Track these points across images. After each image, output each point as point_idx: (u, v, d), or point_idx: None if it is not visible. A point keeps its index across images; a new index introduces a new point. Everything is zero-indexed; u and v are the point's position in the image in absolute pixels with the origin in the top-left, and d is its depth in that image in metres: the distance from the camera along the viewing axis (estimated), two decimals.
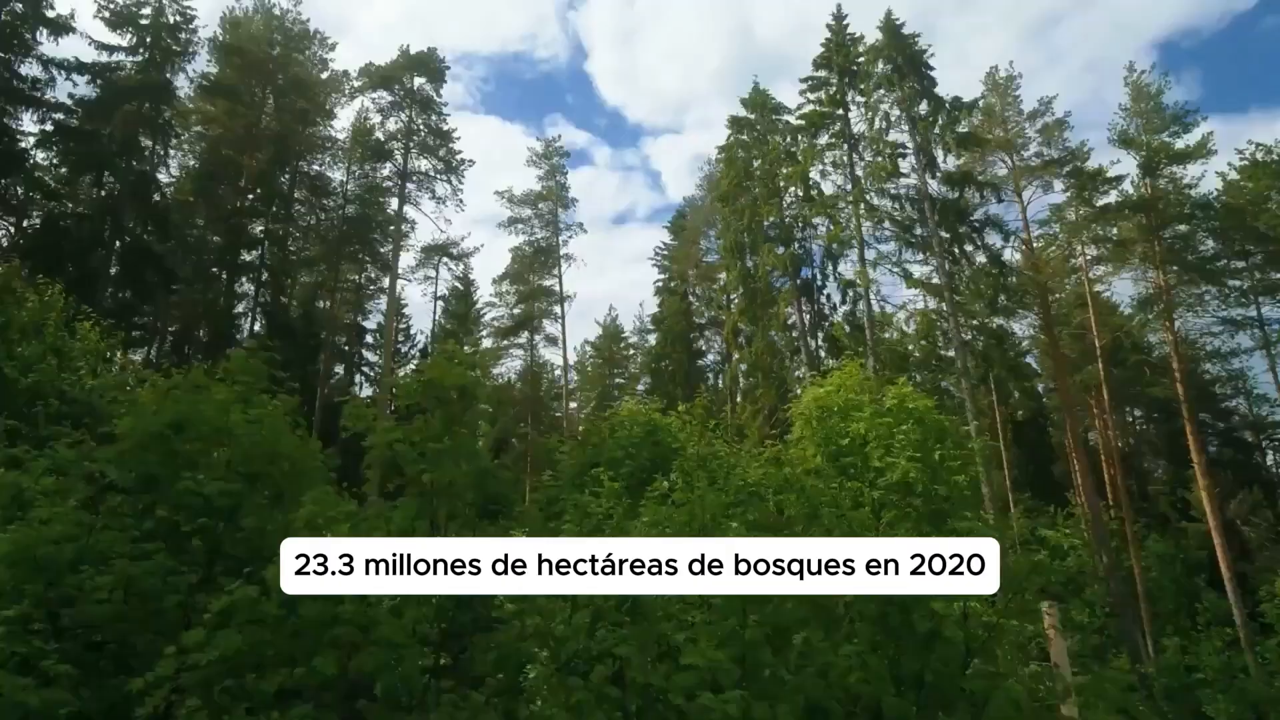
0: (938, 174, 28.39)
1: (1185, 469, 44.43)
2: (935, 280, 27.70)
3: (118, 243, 26.05)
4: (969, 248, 27.05)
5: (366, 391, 47.25)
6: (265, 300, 27.61)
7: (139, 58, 27.23)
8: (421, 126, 35.09)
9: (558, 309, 43.71)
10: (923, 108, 28.98)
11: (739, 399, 37.13)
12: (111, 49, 26.97)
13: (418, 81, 35.04)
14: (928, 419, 6.91)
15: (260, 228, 28.07)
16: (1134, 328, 34.93)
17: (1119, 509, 33.66)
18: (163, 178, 32.92)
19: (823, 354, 32.19)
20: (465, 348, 43.14)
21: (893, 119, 29.89)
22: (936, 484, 6.11)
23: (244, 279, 28.56)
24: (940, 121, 28.30)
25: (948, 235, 27.16)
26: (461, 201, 36.03)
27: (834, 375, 7.87)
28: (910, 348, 32.87)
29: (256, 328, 27.93)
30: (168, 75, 28.09)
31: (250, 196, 26.50)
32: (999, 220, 26.75)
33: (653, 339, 50.79)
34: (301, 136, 33.14)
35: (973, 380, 24.71)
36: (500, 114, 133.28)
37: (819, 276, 33.10)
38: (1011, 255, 30.67)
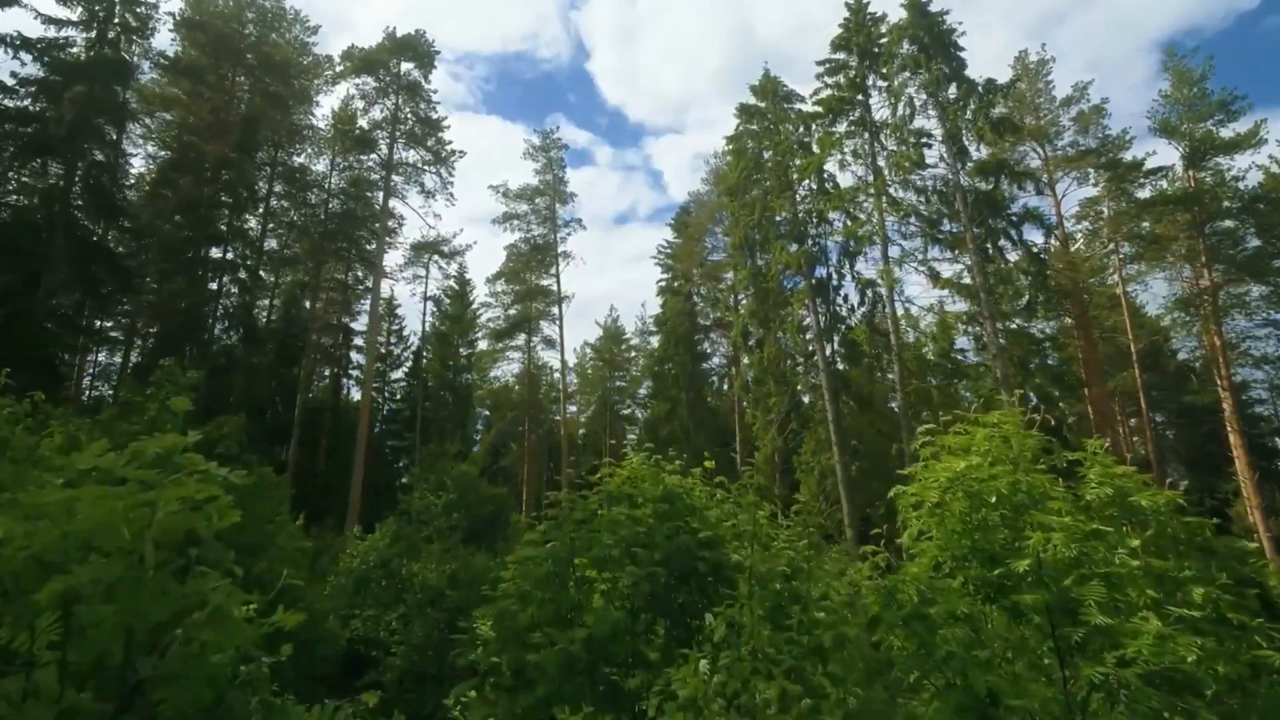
0: (967, 164, 25.32)
1: (1214, 480, 41.55)
2: (966, 280, 24.68)
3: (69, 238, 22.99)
4: (1004, 244, 23.96)
5: (355, 395, 44.45)
6: (231, 301, 24.54)
7: (92, 34, 24.18)
8: (409, 115, 32.01)
9: (555, 309, 40.66)
10: (951, 91, 25.90)
11: (745, 405, 34.10)
12: (61, 23, 23.88)
13: (405, 67, 31.96)
14: (1170, 525, 3.80)
15: (228, 221, 24.83)
16: (1173, 330, 31.86)
17: None
18: (132, 168, 30.13)
19: (838, 359, 29.16)
20: (461, 349, 40.03)
21: (917, 104, 26.83)
22: (1219, 663, 3.10)
23: (212, 277, 25.35)
24: (971, 106, 25.21)
25: (980, 231, 24.08)
26: (451, 195, 33.01)
27: (975, 433, 4.31)
28: (927, 351, 29.82)
29: (219, 330, 24.89)
30: (125, 54, 25.02)
31: (216, 186, 23.47)
32: (1038, 214, 23.64)
33: (655, 341, 47.83)
34: (278, 123, 30.08)
35: (1012, 392, 21.63)
36: (502, 113, 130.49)
37: (834, 276, 30.05)
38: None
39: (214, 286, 25.05)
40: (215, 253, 27.20)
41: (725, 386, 49.02)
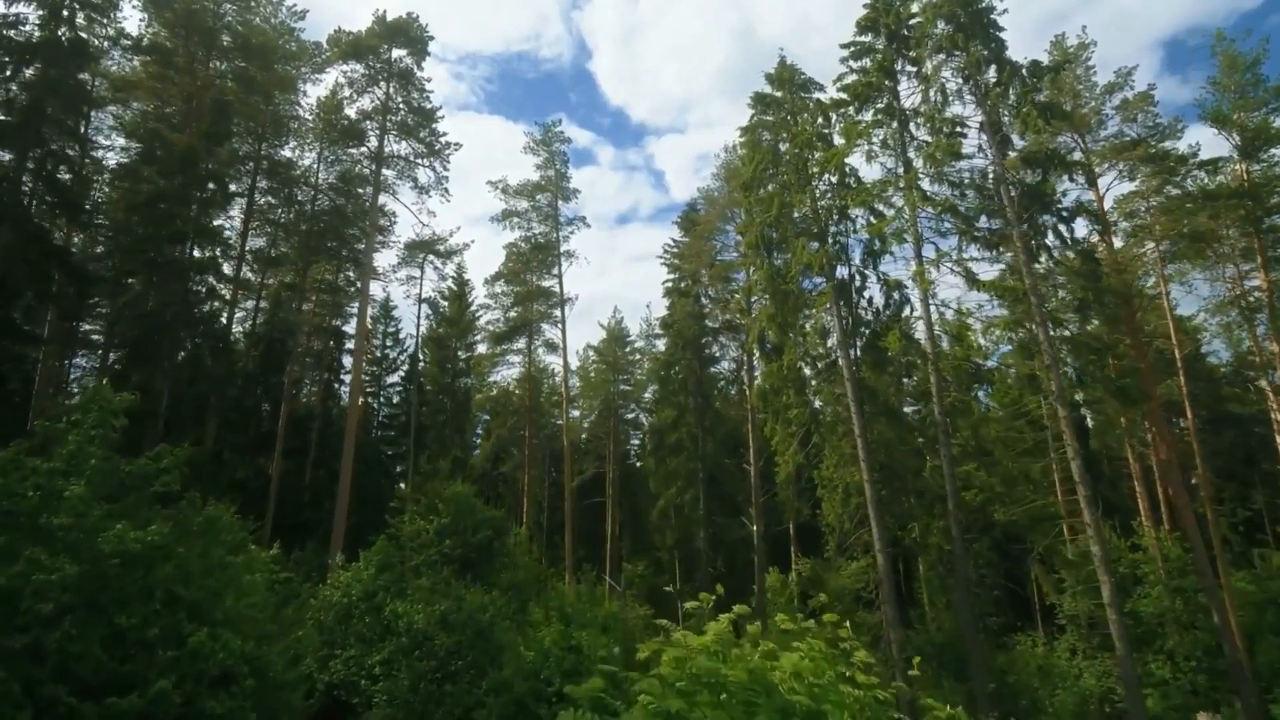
0: (1008, 154, 22.57)
1: (1246, 489, 38.91)
2: (1008, 281, 21.92)
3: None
4: (1054, 241, 21.19)
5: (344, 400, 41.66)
6: (200, 306, 21.69)
7: (44, 10, 21.38)
8: (400, 104, 29.27)
9: (558, 312, 37.89)
10: (991, 75, 23.17)
11: (762, 415, 31.35)
12: None
13: (396, 53, 29.20)
14: None
15: (195, 218, 21.77)
16: (1218, 333, 29.21)
17: (1188, 539, 27.87)
18: (107, 162, 27.33)
19: (862, 367, 26.44)
20: (459, 353, 37.27)
21: (951, 90, 24.08)
22: None
23: (177, 279, 22.38)
24: (1014, 90, 22.46)
25: (1027, 228, 21.32)
26: (446, 191, 30.28)
27: None
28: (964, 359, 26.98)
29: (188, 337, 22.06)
30: (86, 34, 22.24)
31: (181, 178, 20.71)
32: (1091, 208, 20.90)
33: (661, 344, 45.11)
34: (260, 113, 27.32)
35: (1067, 407, 18.93)
36: (504, 113, 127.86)
37: (858, 277, 27.35)
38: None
39: (184, 290, 22.21)
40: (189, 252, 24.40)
41: (733, 391, 46.38)
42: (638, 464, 51.72)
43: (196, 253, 22.00)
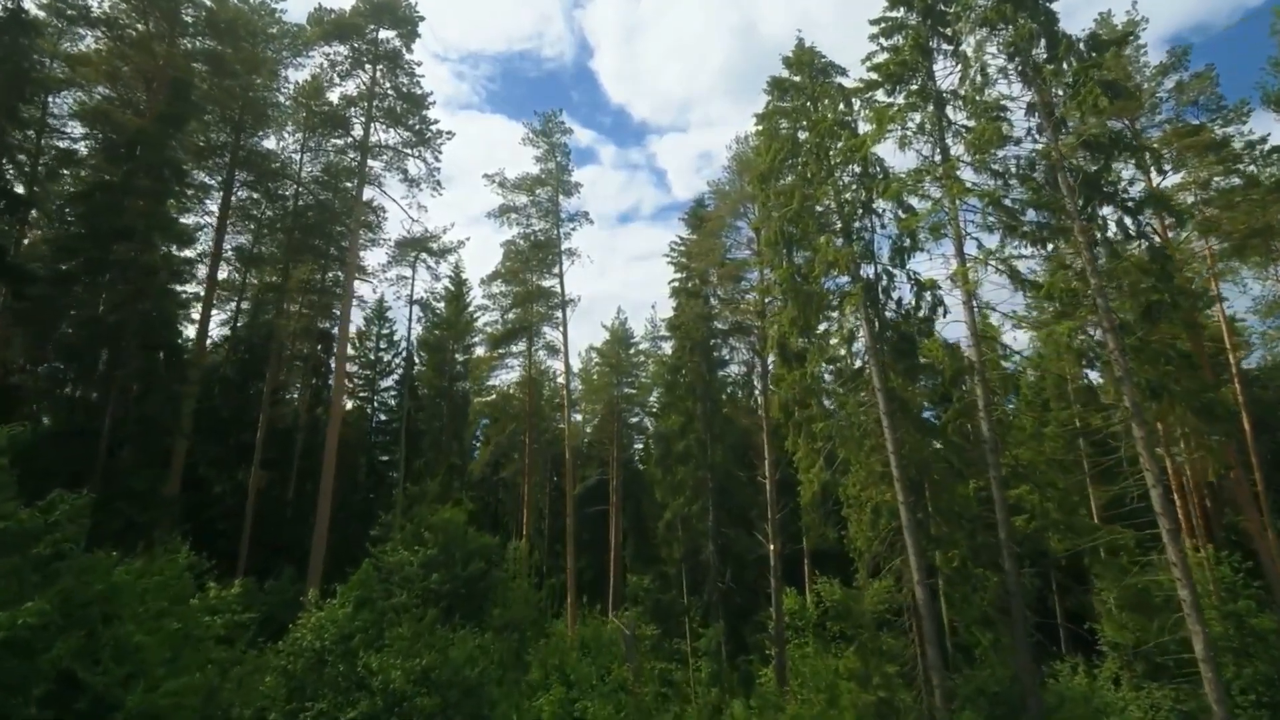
0: (1063, 136, 19.65)
1: None
2: (1066, 281, 19.01)
3: None
4: (1117, 236, 18.28)
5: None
6: (149, 310, 18.69)
7: None
8: (388, 89, 26.37)
9: (559, 314, 35.00)
10: (1041, 51, 20.26)
11: (780, 420, 28.41)
12: None
13: (384, 34, 26.30)
14: None
15: (145, 211, 18.75)
16: (1276, 338, 26.35)
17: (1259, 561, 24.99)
18: (80, 150, 24.41)
19: (892, 375, 23.55)
20: (457, 356, 34.21)
21: (992, 71, 21.14)
22: None
23: (126, 280, 19.34)
24: (1069, 67, 19.54)
25: (1087, 221, 18.42)
26: (438, 184, 27.37)
27: None
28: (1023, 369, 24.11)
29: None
30: (28, 5, 19.38)
31: (131, 166, 17.88)
32: (1165, 198, 18.00)
33: (667, 346, 42.26)
34: (234, 99, 24.47)
35: (1143, 426, 16.08)
36: (505, 112, 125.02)
37: (885, 276, 24.45)
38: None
39: (134, 292, 19.27)
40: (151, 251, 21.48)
41: (741, 395, 43.60)
42: (641, 467, 48.99)
43: (151, 252, 19.10)
